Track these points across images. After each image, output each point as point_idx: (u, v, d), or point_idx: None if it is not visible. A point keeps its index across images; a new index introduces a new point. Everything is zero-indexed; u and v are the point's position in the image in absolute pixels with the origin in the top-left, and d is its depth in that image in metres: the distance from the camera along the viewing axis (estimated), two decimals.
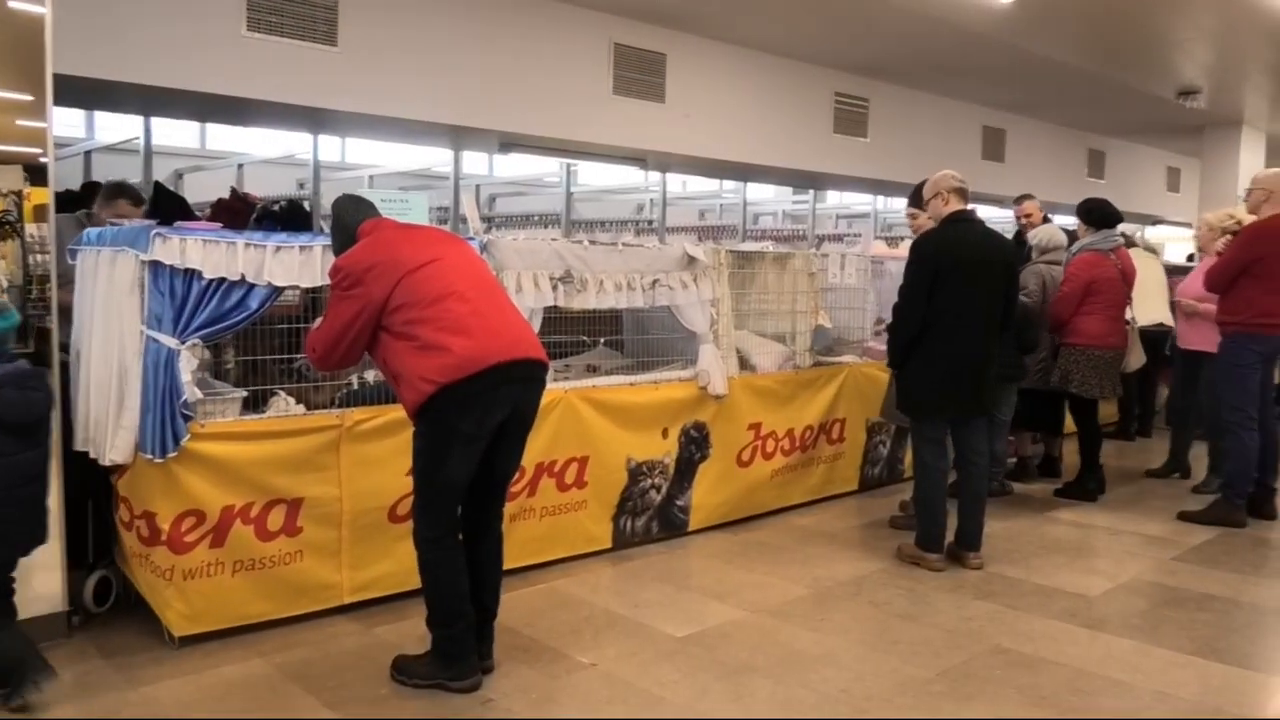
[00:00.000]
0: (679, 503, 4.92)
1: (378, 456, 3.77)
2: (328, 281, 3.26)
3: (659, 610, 3.94)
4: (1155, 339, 6.59)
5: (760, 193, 11.69)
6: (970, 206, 4.61)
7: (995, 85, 10.86)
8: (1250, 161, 13.13)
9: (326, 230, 3.60)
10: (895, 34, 8.68)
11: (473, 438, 3.06)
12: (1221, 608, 4.05)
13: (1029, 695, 3.20)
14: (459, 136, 7.90)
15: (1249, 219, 5.46)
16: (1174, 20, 8.54)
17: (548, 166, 9.44)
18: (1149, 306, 6.40)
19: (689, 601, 4.07)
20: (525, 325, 3.33)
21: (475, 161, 10.39)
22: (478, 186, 9.84)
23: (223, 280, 3.46)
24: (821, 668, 3.41)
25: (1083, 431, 5.95)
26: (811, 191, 11.06)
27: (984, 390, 4.51)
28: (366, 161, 9.76)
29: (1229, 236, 5.69)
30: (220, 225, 3.75)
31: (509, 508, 4.07)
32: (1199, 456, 6.38)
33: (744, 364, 5.27)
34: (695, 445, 4.94)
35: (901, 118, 10.80)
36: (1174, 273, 7.72)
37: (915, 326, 4.42)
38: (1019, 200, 6.72)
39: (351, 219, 3.26)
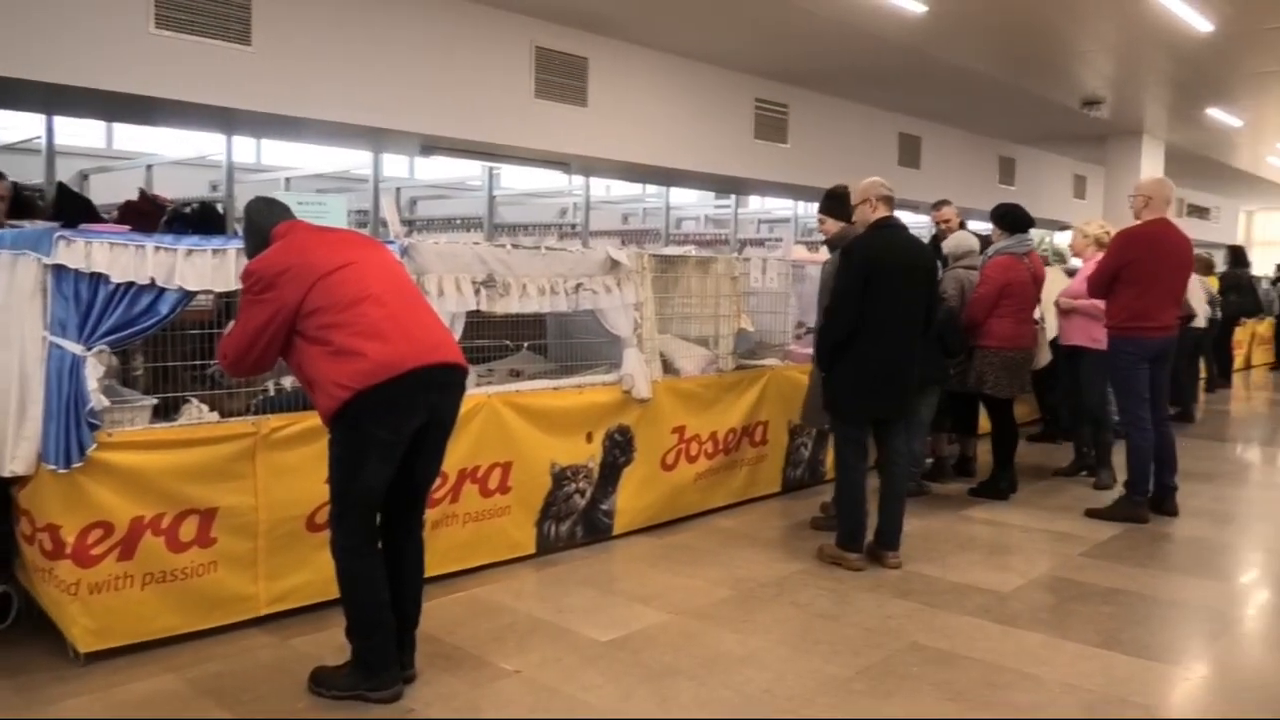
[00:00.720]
0: (603, 507, 4.92)
1: (295, 464, 3.69)
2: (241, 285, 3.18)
3: (583, 615, 3.94)
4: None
5: (683, 197, 11.78)
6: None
7: (911, 93, 11.12)
8: (1151, 169, 13.67)
9: (241, 233, 3.52)
10: (814, 41, 8.84)
11: (389, 444, 3.02)
12: (1125, 601, 4.20)
13: (944, 690, 3.28)
14: (379, 139, 7.80)
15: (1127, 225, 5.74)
16: (1077, 32, 8.85)
17: (470, 169, 9.38)
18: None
19: (613, 605, 4.07)
20: (443, 329, 3.29)
21: (395, 164, 10.27)
22: (398, 189, 9.73)
23: (131, 284, 3.36)
24: (745, 668, 3.44)
25: (996, 431, 6.11)
26: (733, 196, 11.18)
27: (908, 393, 4.63)
28: (283, 163, 9.58)
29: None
30: (129, 228, 3.63)
31: (431, 514, 4.02)
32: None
33: (667, 367, 5.29)
34: (619, 449, 4.95)
35: (821, 124, 10.98)
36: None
37: (847, 330, 4.48)
38: (937, 205, 6.89)
39: (265, 221, 3.19)
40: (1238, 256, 12.12)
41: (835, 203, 5.06)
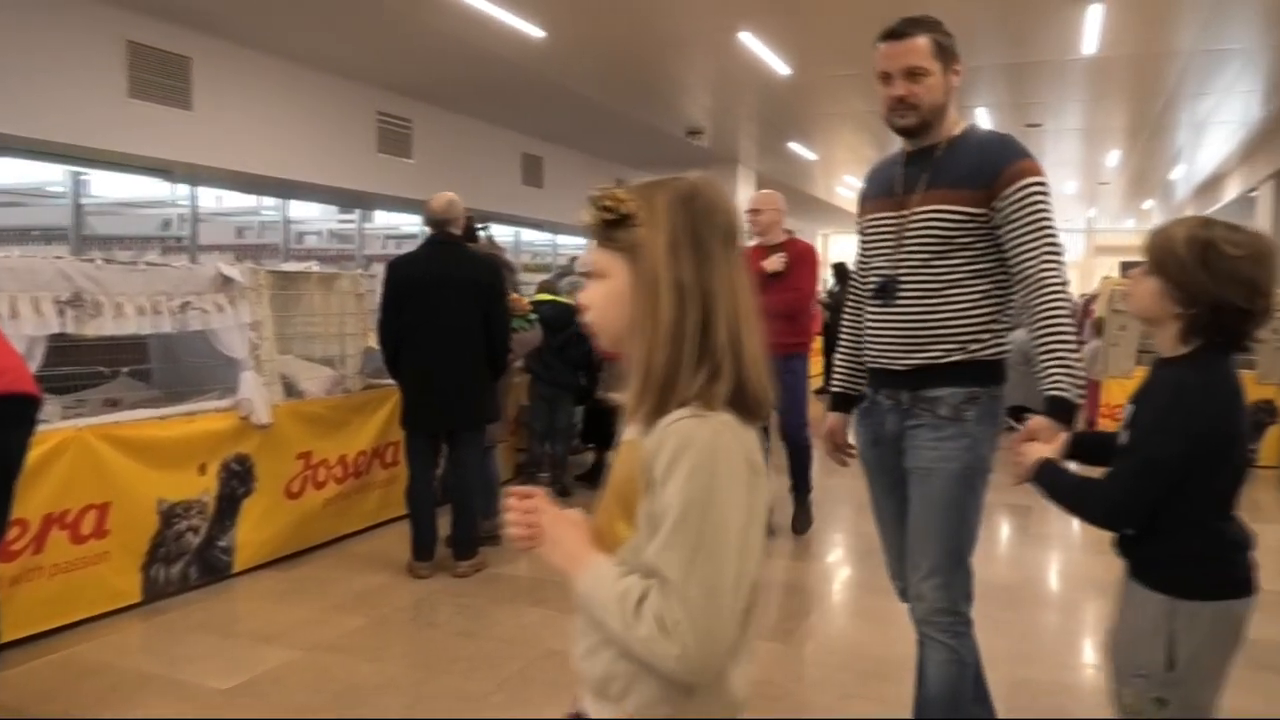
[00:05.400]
0: (221, 543, 4.56)
1: None
2: None
3: (201, 663, 3.62)
4: None
5: (304, 210, 11.24)
6: (452, 231, 4.79)
7: (534, 115, 11.47)
8: (746, 194, 15.18)
9: None
10: (437, 58, 8.84)
11: None
12: (763, 590, 4.60)
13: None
14: None
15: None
16: (680, 66, 9.63)
17: (50, 174, 8.31)
18: None
19: (235, 649, 3.79)
20: (12, 354, 2.87)
21: None
22: None
23: None
24: (380, 696, 3.35)
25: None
26: (358, 210, 10.87)
27: (460, 405, 4.72)
28: None
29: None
30: None
31: (9, 569, 3.53)
32: None
33: (290, 390, 5.03)
34: (237, 480, 4.62)
35: (446, 140, 11.01)
36: None
37: (389, 344, 4.67)
38: None
39: None
40: (844, 273, 13.39)
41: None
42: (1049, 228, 2.30)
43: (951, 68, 2.40)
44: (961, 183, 2.35)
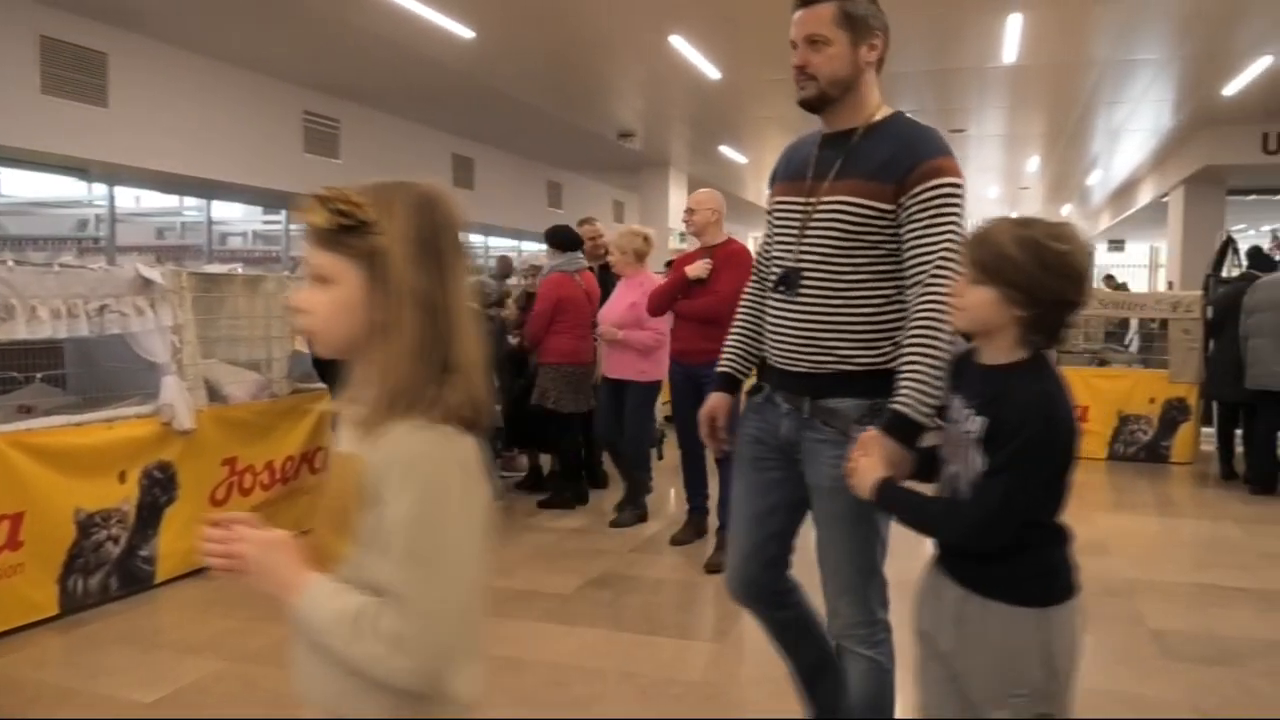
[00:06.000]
0: (142, 553, 4.43)
1: None
2: None
3: (124, 676, 3.52)
4: None
5: (228, 211, 11.00)
6: None
7: (464, 116, 11.39)
8: (677, 197, 15.27)
9: None
10: (365, 57, 8.73)
11: None
12: (668, 590, 4.63)
13: (512, 695, 3.38)
14: None
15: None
16: (611, 69, 9.65)
17: None
18: None
19: (159, 661, 3.68)
20: None
21: None
22: None
23: None
24: (308, 708, 3.28)
25: (562, 445, 6.27)
26: (284, 211, 10.68)
27: None
28: None
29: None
30: None
31: None
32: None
33: (214, 395, 4.91)
34: (159, 487, 4.49)
35: (374, 141, 10.87)
36: None
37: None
38: (583, 222, 6.91)
39: None
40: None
41: None
42: (952, 234, 2.11)
43: (866, 40, 2.22)
44: (874, 175, 2.18)
